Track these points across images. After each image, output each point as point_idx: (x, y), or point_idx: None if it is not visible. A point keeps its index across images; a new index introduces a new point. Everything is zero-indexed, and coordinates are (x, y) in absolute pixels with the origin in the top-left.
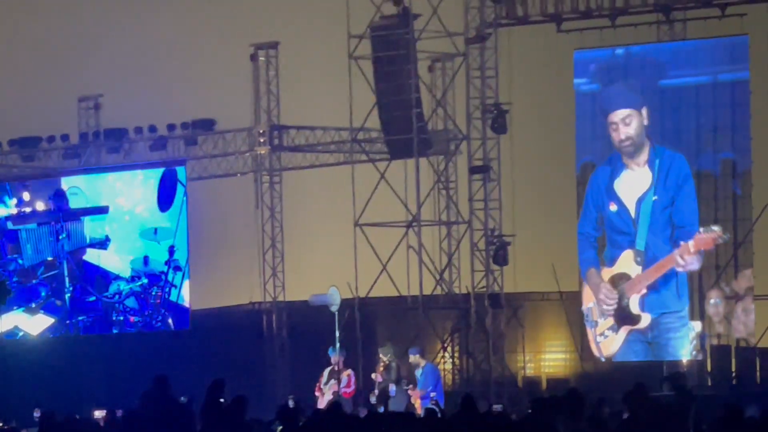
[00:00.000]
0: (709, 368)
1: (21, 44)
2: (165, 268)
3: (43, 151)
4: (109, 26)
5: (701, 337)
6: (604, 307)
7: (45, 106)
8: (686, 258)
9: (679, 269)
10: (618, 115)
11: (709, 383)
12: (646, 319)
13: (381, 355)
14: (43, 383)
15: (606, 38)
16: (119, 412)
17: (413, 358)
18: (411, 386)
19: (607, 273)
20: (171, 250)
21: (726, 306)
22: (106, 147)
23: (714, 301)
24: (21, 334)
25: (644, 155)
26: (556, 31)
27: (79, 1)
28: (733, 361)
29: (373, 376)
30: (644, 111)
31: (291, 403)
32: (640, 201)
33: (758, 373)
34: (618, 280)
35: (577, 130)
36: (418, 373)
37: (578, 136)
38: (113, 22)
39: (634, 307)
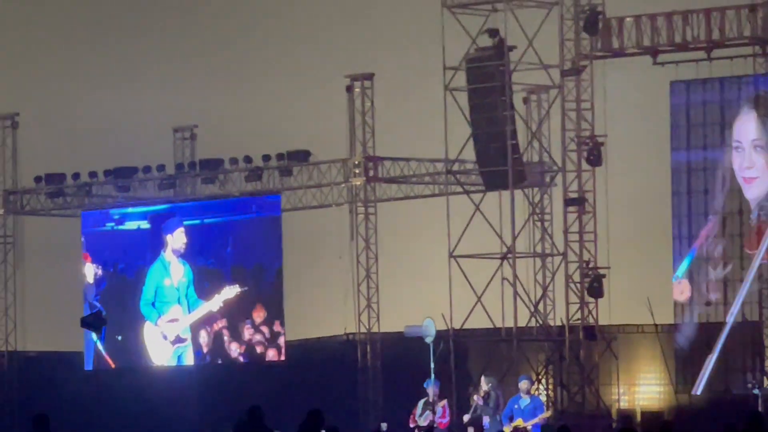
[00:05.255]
0: None
1: (117, 75)
2: None
3: (138, 181)
4: (204, 57)
5: None
6: None
7: (141, 136)
8: None
9: None
10: None
11: None
12: None
13: (483, 383)
14: (137, 411)
15: (702, 70)
16: None
17: (525, 384)
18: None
19: None
20: None
21: None
22: (202, 177)
23: None
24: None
25: None
26: (651, 63)
27: (173, 33)
28: None
29: (475, 397)
30: None
31: (384, 427)
32: None
33: None
34: None
35: (673, 163)
36: (523, 402)
37: (673, 168)
38: (208, 53)
39: None
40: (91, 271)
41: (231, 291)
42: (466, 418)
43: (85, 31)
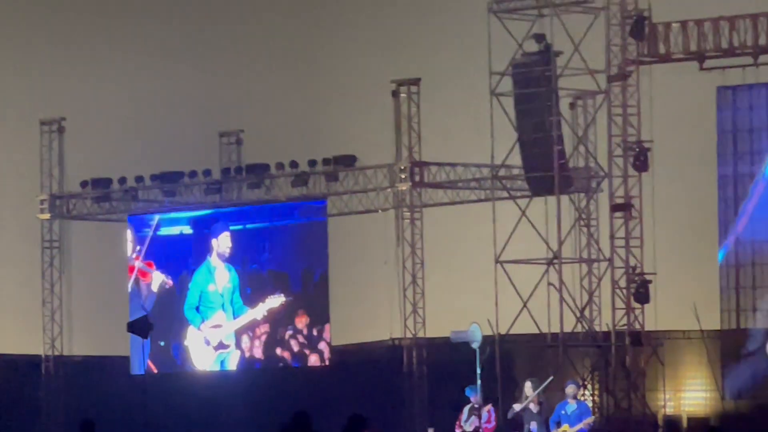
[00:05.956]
0: None
1: (162, 79)
2: None
3: (184, 186)
4: (250, 62)
5: None
6: None
7: (187, 141)
8: None
9: None
10: None
11: None
12: None
13: (526, 388)
14: (181, 416)
15: (749, 76)
16: None
17: (571, 389)
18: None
19: None
20: None
21: None
22: (248, 182)
23: None
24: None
25: None
26: (698, 69)
27: (219, 39)
28: None
29: (531, 406)
30: None
31: None
32: None
33: None
34: None
35: (719, 168)
36: (569, 408)
37: (720, 173)
38: (253, 58)
39: None
40: (159, 279)
41: (276, 300)
42: (517, 407)
43: (130, 36)
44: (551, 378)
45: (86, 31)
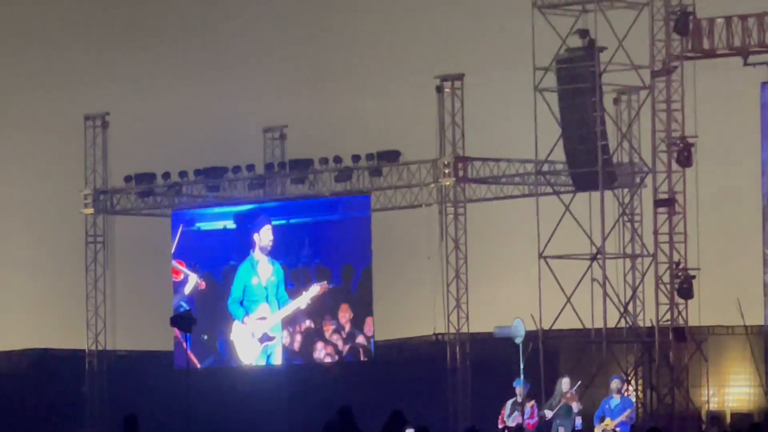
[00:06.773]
0: None
1: (207, 75)
2: None
3: (228, 181)
4: (295, 57)
5: None
6: None
7: (231, 136)
8: None
9: None
10: None
11: None
12: None
13: (563, 384)
14: (226, 411)
15: None
16: None
17: (616, 383)
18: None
19: None
20: None
21: None
22: (291, 177)
23: None
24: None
25: None
26: (742, 64)
27: (264, 34)
28: None
29: (574, 404)
30: None
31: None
32: None
33: None
34: None
35: (763, 163)
36: (614, 402)
37: (764, 169)
38: (298, 53)
39: None
40: (193, 281)
41: (318, 287)
42: (548, 413)
43: (175, 31)
44: (579, 382)
45: (130, 27)
